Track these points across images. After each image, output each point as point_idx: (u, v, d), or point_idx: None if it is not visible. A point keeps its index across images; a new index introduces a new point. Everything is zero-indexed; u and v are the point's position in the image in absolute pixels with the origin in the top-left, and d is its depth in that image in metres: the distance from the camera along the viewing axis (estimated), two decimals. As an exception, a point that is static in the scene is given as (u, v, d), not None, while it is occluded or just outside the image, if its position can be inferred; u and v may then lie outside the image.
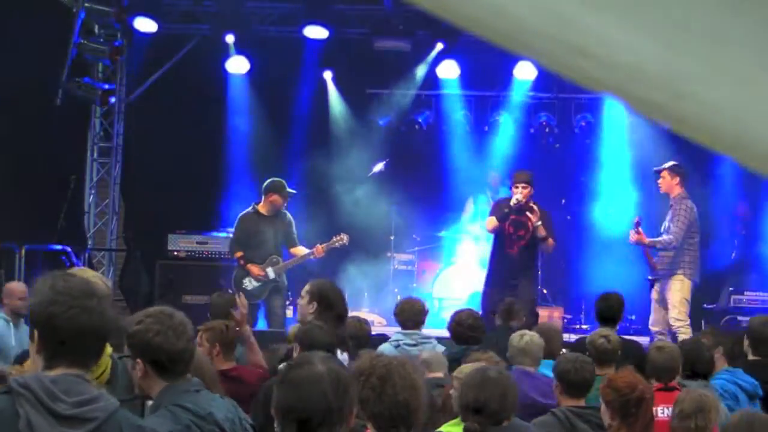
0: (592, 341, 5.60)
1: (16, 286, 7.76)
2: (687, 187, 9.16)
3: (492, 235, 9.58)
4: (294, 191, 9.88)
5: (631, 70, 0.70)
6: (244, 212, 9.86)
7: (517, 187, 9.14)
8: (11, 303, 7.50)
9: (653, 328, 9.01)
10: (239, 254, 9.72)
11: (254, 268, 9.65)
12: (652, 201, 11.89)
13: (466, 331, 6.44)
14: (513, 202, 9.11)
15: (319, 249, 9.55)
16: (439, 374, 5.36)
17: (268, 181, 9.78)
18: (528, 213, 9.12)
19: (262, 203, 9.69)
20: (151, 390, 3.06)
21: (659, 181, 9.13)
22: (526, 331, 5.67)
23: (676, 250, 8.89)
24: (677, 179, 9.02)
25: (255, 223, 9.66)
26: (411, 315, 6.62)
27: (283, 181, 9.74)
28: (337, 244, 9.64)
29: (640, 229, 8.94)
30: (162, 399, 3.02)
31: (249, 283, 9.68)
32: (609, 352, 5.51)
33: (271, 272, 9.64)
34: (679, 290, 8.81)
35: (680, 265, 8.90)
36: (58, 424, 2.40)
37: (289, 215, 9.81)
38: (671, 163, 9.16)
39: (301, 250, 9.67)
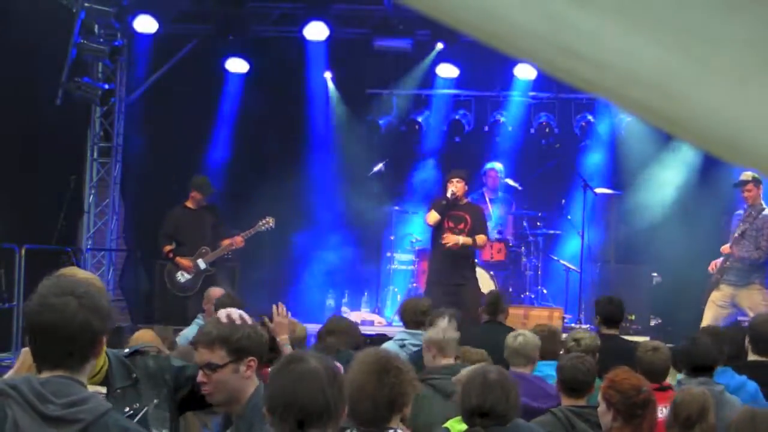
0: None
1: (213, 291, 7.53)
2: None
3: (431, 231, 9.72)
4: (214, 189, 10.32)
5: (623, 71, 0.70)
6: (172, 209, 10.31)
7: (451, 182, 9.45)
8: (208, 308, 7.23)
9: None
10: (167, 248, 10.10)
11: (184, 261, 10.02)
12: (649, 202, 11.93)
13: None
14: (448, 194, 9.39)
15: (238, 239, 10.02)
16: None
17: (193, 177, 10.31)
18: (447, 243, 9.28)
19: (188, 199, 10.15)
20: (247, 391, 3.08)
21: (745, 194, 9.12)
22: (522, 331, 5.61)
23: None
24: (761, 188, 9.10)
25: (182, 218, 10.06)
26: (413, 315, 6.56)
27: (205, 177, 10.32)
28: (263, 227, 10.04)
29: (734, 246, 9.05)
30: (260, 399, 3.01)
31: (181, 277, 10.05)
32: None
33: (201, 263, 10.01)
34: (762, 301, 8.97)
35: (758, 273, 9.08)
36: (45, 425, 2.41)
37: (216, 209, 10.32)
38: (750, 173, 9.07)
39: (226, 241, 10.10)
